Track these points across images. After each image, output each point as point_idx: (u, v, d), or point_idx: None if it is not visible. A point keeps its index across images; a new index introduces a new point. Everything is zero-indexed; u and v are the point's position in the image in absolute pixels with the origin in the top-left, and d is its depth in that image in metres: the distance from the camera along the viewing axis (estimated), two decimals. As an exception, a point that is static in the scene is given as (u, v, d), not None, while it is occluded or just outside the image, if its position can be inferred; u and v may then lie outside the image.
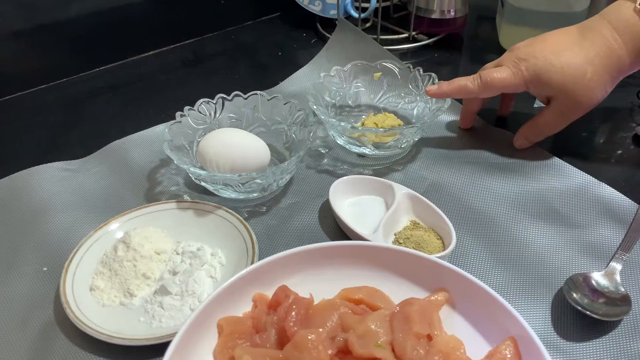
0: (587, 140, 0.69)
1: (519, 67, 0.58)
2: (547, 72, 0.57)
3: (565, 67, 0.56)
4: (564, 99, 0.58)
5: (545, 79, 0.57)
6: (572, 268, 0.52)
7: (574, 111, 0.59)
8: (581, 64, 0.56)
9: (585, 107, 0.58)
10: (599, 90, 0.57)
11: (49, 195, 0.62)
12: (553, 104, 0.59)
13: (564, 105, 0.58)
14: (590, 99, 0.57)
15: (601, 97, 0.58)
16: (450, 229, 0.53)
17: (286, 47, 0.95)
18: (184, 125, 0.63)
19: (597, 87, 0.57)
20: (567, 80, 0.56)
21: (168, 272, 0.51)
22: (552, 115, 0.60)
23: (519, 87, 0.60)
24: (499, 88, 0.60)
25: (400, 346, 0.42)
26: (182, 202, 0.58)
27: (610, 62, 0.56)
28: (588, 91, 0.57)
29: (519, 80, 0.59)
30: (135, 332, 0.46)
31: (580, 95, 0.57)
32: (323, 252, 0.48)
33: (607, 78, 0.57)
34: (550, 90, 0.58)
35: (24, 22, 0.80)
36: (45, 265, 0.54)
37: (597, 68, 0.56)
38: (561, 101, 0.58)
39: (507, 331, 0.42)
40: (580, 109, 0.59)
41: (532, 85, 0.59)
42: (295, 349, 0.40)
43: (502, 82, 0.59)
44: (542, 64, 0.57)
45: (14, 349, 0.47)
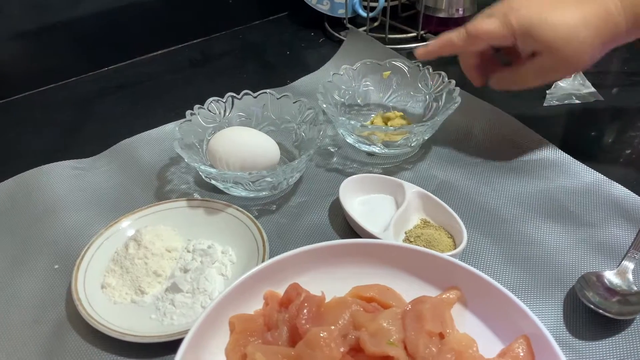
0: (596, 139, 0.69)
1: (508, 18, 0.54)
2: (538, 27, 0.52)
3: (558, 25, 0.52)
4: (549, 57, 0.54)
5: (535, 34, 0.53)
6: (584, 267, 0.51)
7: (556, 72, 0.56)
8: (575, 25, 0.52)
9: (569, 70, 0.56)
10: (587, 55, 0.53)
11: (59, 194, 0.62)
12: (536, 59, 0.55)
13: (548, 63, 0.54)
14: (576, 63, 0.53)
15: (588, 63, 0.54)
16: (461, 228, 0.53)
17: (294, 46, 0.95)
18: (194, 124, 0.63)
19: (586, 52, 0.53)
20: (558, 39, 0.52)
21: (179, 269, 0.51)
22: (533, 71, 0.56)
23: (506, 40, 0.55)
24: (484, 40, 0.56)
25: (412, 344, 0.42)
26: (192, 200, 0.58)
27: (606, 28, 0.52)
28: (577, 55, 0.52)
29: (506, 32, 0.54)
30: (147, 329, 0.46)
31: (567, 57, 0.53)
32: (334, 250, 0.48)
33: (599, 44, 0.53)
34: (538, 46, 0.54)
35: (33, 22, 0.80)
36: (56, 263, 0.54)
37: (591, 32, 0.52)
38: (546, 59, 0.54)
39: (520, 329, 0.42)
40: (564, 70, 0.56)
41: (520, 38, 0.54)
42: (307, 347, 0.40)
43: (487, 34, 0.55)
44: (534, 17, 0.53)
45: (27, 347, 0.47)
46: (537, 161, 0.64)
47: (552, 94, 0.77)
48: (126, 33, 0.89)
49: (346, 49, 0.87)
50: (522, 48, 0.55)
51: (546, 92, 0.77)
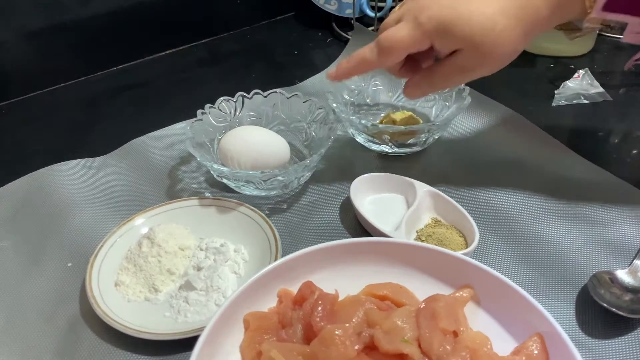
0: (605, 139, 0.69)
1: (419, 20, 0.48)
2: (453, 23, 0.47)
3: (474, 18, 0.47)
4: (469, 53, 0.48)
5: (450, 31, 0.47)
6: (595, 266, 0.52)
7: (477, 68, 0.50)
8: (492, 14, 0.47)
9: (493, 64, 0.50)
10: (509, 47, 0.48)
11: (71, 192, 0.62)
12: (456, 57, 0.49)
13: (468, 60, 0.49)
14: (499, 56, 0.49)
15: (510, 54, 0.49)
16: (472, 226, 0.53)
17: (302, 46, 0.96)
18: (205, 123, 0.63)
19: (508, 43, 0.48)
20: (475, 33, 0.47)
21: (192, 267, 0.52)
22: (452, 69, 0.50)
23: (422, 44, 0.49)
24: (399, 50, 0.50)
25: (426, 342, 0.42)
26: (204, 199, 0.58)
27: (526, 15, 0.47)
28: (498, 47, 0.48)
29: (419, 36, 0.48)
30: (161, 327, 0.47)
31: (488, 50, 0.48)
32: (347, 249, 0.48)
33: (520, 33, 0.48)
34: (456, 43, 0.48)
35: (43, 21, 0.81)
36: (69, 261, 0.55)
37: (509, 20, 0.47)
38: (466, 55, 0.49)
39: (533, 328, 0.42)
40: (487, 66, 0.50)
41: (436, 39, 0.48)
42: (322, 344, 0.41)
43: (401, 44, 0.49)
44: (447, 14, 0.47)
45: (42, 344, 0.48)
46: (547, 160, 0.64)
47: (560, 94, 0.77)
48: (135, 33, 0.89)
49: (353, 48, 0.87)
50: (439, 48, 0.50)
51: (554, 92, 0.77)
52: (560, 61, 0.86)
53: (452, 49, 0.49)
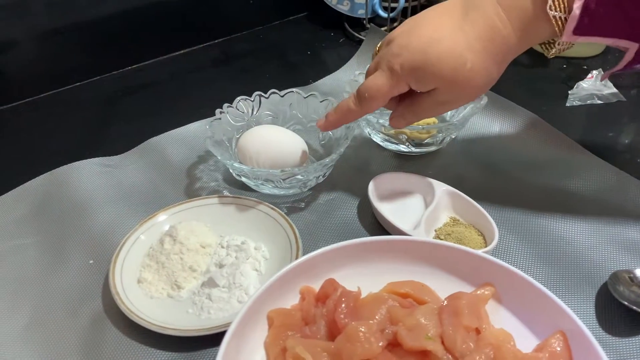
0: (619, 139, 0.70)
1: (393, 67, 0.50)
2: (422, 66, 0.49)
3: (442, 58, 0.48)
4: (444, 90, 0.50)
5: (421, 75, 0.49)
6: (614, 265, 0.52)
7: (455, 102, 0.52)
8: (460, 53, 0.48)
9: (468, 97, 0.52)
10: (481, 79, 0.49)
11: (90, 190, 0.63)
12: (434, 93, 0.51)
13: (445, 95, 0.51)
14: (472, 89, 0.50)
15: (485, 85, 0.50)
16: (492, 225, 0.53)
17: (315, 46, 0.96)
18: (223, 122, 0.64)
19: (478, 77, 0.49)
20: (444, 73, 0.48)
21: (214, 265, 0.52)
22: (432, 103, 0.52)
23: (399, 89, 0.52)
24: (380, 98, 0.52)
25: (450, 339, 0.42)
26: (223, 197, 0.59)
27: (494, 46, 0.48)
28: (469, 81, 0.49)
29: (396, 82, 0.51)
30: (185, 323, 0.47)
31: (461, 87, 0.49)
32: (368, 247, 0.49)
33: (491, 64, 0.49)
34: (430, 84, 0.50)
35: (59, 21, 0.81)
36: (91, 258, 0.55)
37: (478, 54, 0.48)
38: (442, 92, 0.50)
39: (556, 325, 0.42)
40: (462, 99, 0.52)
41: (411, 82, 0.51)
42: (347, 341, 0.41)
43: (380, 92, 0.52)
44: (416, 58, 0.49)
45: (67, 339, 0.48)
46: (563, 160, 0.64)
47: (574, 94, 0.77)
48: (149, 33, 0.90)
49: (367, 48, 0.88)
50: (416, 89, 0.52)
51: (568, 92, 0.78)
52: (572, 62, 0.86)
53: (429, 89, 0.51)
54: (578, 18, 0.45)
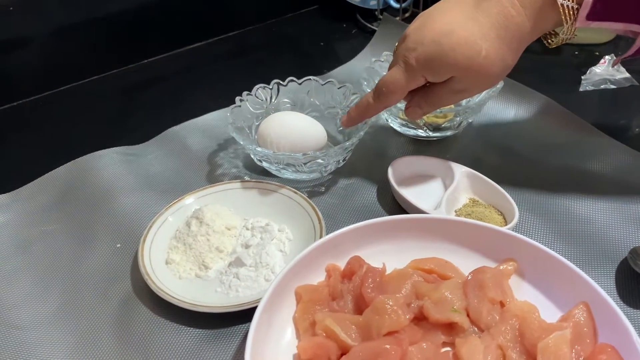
0: (632, 122, 0.70)
1: (408, 62, 0.51)
2: (437, 57, 0.50)
3: (456, 48, 0.49)
4: (460, 79, 0.51)
5: (436, 65, 0.51)
6: (633, 241, 0.53)
7: (471, 90, 0.54)
8: (474, 41, 0.49)
9: (484, 85, 0.54)
10: (497, 67, 0.50)
11: (114, 178, 0.64)
12: (450, 82, 0.52)
13: (461, 84, 0.52)
14: (488, 77, 0.51)
15: (501, 72, 0.51)
16: (512, 205, 0.54)
17: (327, 38, 0.97)
18: (243, 110, 0.65)
19: (494, 64, 0.50)
20: (460, 62, 0.49)
21: (240, 245, 0.53)
22: (448, 92, 0.53)
23: (417, 82, 0.53)
24: (398, 92, 0.54)
25: (475, 311, 0.44)
26: (246, 182, 0.60)
27: (508, 33, 0.49)
28: (485, 69, 0.50)
29: (412, 76, 0.52)
30: (214, 301, 0.48)
31: (476, 75, 0.51)
32: (392, 225, 0.50)
33: (506, 51, 0.50)
34: (445, 74, 0.51)
35: (80, 17, 0.82)
36: (118, 242, 0.56)
37: (493, 43, 0.49)
38: (458, 81, 0.52)
39: (579, 297, 0.43)
40: (478, 87, 0.54)
41: (427, 75, 0.52)
42: (375, 314, 0.42)
43: (397, 86, 0.53)
44: (431, 50, 0.50)
45: (98, 320, 0.49)
46: (579, 142, 0.65)
47: (587, 80, 0.78)
48: (166, 26, 0.91)
49: (380, 37, 0.89)
50: (432, 81, 0.53)
51: (581, 78, 0.78)
52: (584, 48, 0.87)
53: (445, 78, 0.52)
54: (591, 4, 0.45)
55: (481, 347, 0.40)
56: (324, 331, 0.42)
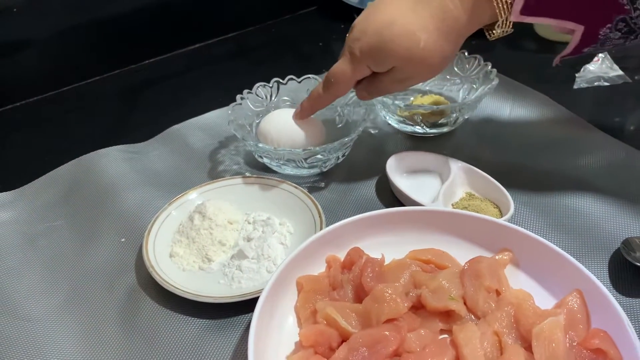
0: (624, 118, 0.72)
1: (353, 52, 0.53)
2: (378, 47, 0.51)
3: (396, 39, 0.50)
4: (401, 68, 0.53)
5: (378, 56, 0.52)
6: (626, 233, 0.54)
7: (413, 77, 0.55)
8: (413, 32, 0.50)
9: (425, 74, 0.55)
10: (435, 58, 0.52)
11: (117, 175, 0.65)
12: (392, 72, 0.54)
13: (403, 73, 0.54)
14: (428, 67, 0.53)
15: (441, 62, 0.53)
16: (507, 198, 0.55)
17: (326, 38, 0.99)
18: (243, 108, 0.66)
19: (433, 55, 0.51)
20: (399, 53, 0.51)
21: (242, 239, 0.54)
22: (392, 81, 0.55)
23: (362, 72, 0.55)
24: (345, 82, 0.56)
25: (472, 299, 0.45)
26: (247, 178, 0.61)
27: (446, 26, 0.50)
28: (426, 59, 0.51)
29: (357, 66, 0.54)
30: (217, 292, 0.50)
31: (418, 65, 0.52)
32: (391, 217, 0.51)
33: (444, 42, 0.51)
34: (387, 64, 0.53)
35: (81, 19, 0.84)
36: (122, 236, 0.58)
37: (431, 34, 0.50)
38: (399, 70, 0.53)
39: (572, 285, 0.45)
40: (419, 76, 0.55)
41: (370, 64, 0.54)
42: (374, 302, 0.43)
43: (344, 76, 0.55)
44: (373, 41, 0.52)
45: (104, 311, 0.51)
46: (573, 138, 0.66)
47: (581, 77, 0.79)
48: (166, 28, 0.93)
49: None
50: (376, 70, 0.55)
51: (575, 75, 0.80)
52: (578, 47, 0.88)
53: (387, 68, 0.54)
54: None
55: (478, 333, 0.41)
56: (325, 319, 0.43)
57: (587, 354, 0.41)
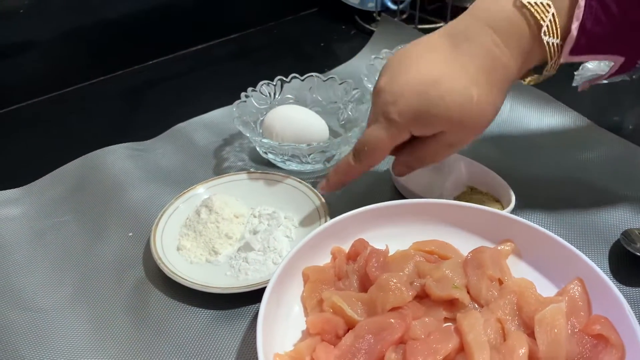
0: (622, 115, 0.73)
1: (390, 118, 0.47)
2: (425, 109, 0.46)
3: (446, 97, 0.45)
4: (453, 132, 0.48)
5: (425, 119, 0.46)
6: (625, 224, 0.55)
7: (465, 140, 0.49)
8: (464, 88, 0.45)
9: (476, 133, 0.49)
10: (490, 112, 0.47)
11: (123, 172, 0.66)
12: (441, 136, 0.48)
13: (454, 137, 0.48)
14: (482, 124, 0.48)
15: (493, 116, 0.48)
16: (508, 191, 0.56)
17: (327, 39, 1.00)
18: (248, 105, 0.67)
19: (488, 109, 0.47)
20: (452, 112, 0.46)
21: (248, 232, 0.55)
22: (440, 146, 0.49)
23: (401, 138, 0.49)
24: (382, 151, 0.50)
25: (475, 288, 0.46)
26: (252, 173, 0.62)
27: (496, 76, 0.46)
28: (479, 117, 0.47)
29: (397, 132, 0.48)
30: (224, 283, 0.50)
31: (471, 124, 0.47)
32: (394, 209, 0.52)
33: (497, 93, 0.47)
34: (436, 128, 0.47)
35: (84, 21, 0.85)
36: (130, 231, 0.58)
37: (483, 87, 0.46)
38: (450, 134, 0.48)
39: (573, 273, 0.46)
40: (470, 137, 0.49)
41: (415, 129, 0.48)
42: (379, 290, 0.44)
43: (380, 144, 0.49)
44: (416, 102, 0.46)
45: (113, 304, 0.51)
46: (572, 133, 0.68)
47: (579, 75, 0.80)
48: (169, 29, 0.94)
49: (379, 36, 0.91)
50: (420, 135, 0.49)
51: (574, 73, 0.81)
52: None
53: (434, 132, 0.48)
54: (575, 39, 0.44)
55: (481, 320, 0.42)
56: (332, 307, 0.44)
57: (589, 339, 0.41)
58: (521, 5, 0.44)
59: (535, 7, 0.44)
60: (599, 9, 0.43)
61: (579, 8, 0.43)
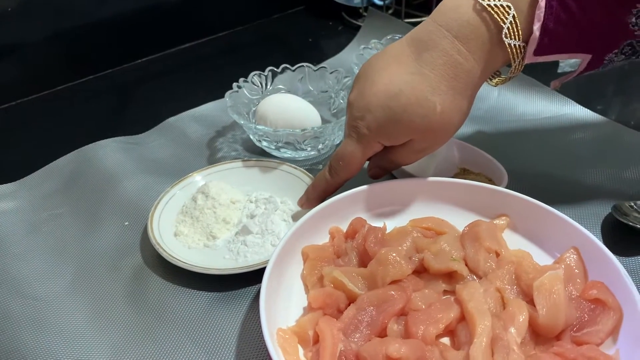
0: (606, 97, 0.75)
1: (360, 131, 0.49)
2: (390, 122, 0.47)
3: (408, 108, 0.46)
4: (420, 140, 0.49)
5: (391, 131, 0.48)
6: (615, 199, 0.56)
7: (435, 145, 0.50)
8: (426, 98, 0.45)
9: (446, 138, 0.50)
10: (456, 118, 0.48)
11: (117, 163, 0.66)
12: (409, 144, 0.49)
13: (422, 143, 0.49)
14: (449, 131, 0.49)
15: (460, 122, 0.49)
16: (501, 170, 0.57)
17: (315, 35, 1.01)
18: (240, 95, 0.67)
19: (452, 116, 0.47)
20: (416, 124, 0.46)
21: (246, 217, 0.56)
22: (410, 152, 0.50)
23: (373, 149, 0.50)
24: (355, 164, 0.51)
25: (473, 260, 0.46)
26: (247, 161, 0.62)
27: (460, 82, 0.46)
28: (445, 124, 0.47)
29: (367, 145, 0.49)
30: (223, 266, 0.50)
31: (437, 132, 0.48)
32: (390, 188, 0.53)
33: (461, 99, 0.47)
34: (403, 137, 0.48)
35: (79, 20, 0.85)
36: (126, 220, 0.58)
37: (446, 95, 0.46)
38: (417, 141, 0.49)
39: (569, 243, 0.46)
40: (439, 142, 0.50)
41: (382, 140, 0.49)
42: (379, 264, 0.45)
43: (354, 158, 0.50)
44: (381, 116, 0.47)
45: (112, 290, 0.51)
46: (562, 116, 0.69)
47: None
48: (159, 28, 0.94)
49: (367, 29, 0.92)
50: (390, 145, 0.50)
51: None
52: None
53: (403, 141, 0.49)
54: (538, 39, 0.44)
55: (481, 289, 0.43)
56: (332, 282, 0.45)
57: (587, 304, 0.42)
58: (481, 8, 0.44)
59: (495, 9, 0.43)
60: (559, 9, 0.43)
61: (539, 9, 0.43)
